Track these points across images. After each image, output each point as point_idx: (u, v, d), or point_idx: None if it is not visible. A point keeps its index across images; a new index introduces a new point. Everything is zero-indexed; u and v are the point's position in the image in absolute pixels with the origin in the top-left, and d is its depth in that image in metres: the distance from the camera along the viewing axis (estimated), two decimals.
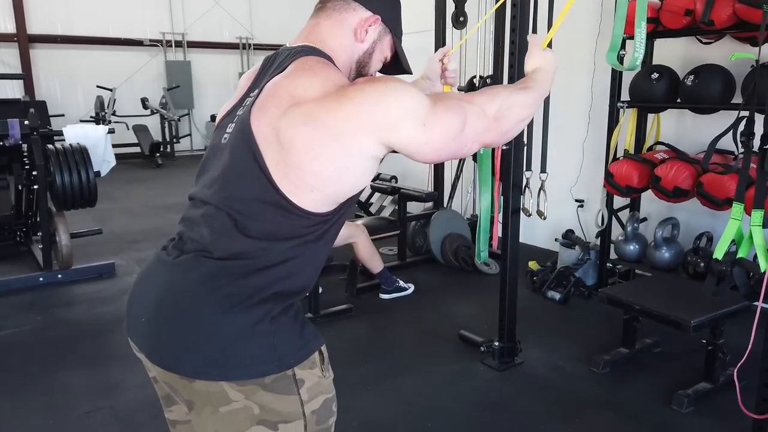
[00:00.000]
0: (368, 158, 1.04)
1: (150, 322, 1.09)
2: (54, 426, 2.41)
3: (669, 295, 2.73)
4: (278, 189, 1.02)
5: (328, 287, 3.90)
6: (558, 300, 3.70)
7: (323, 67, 1.10)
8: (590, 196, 4.33)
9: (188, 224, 1.13)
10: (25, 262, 4.45)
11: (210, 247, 1.07)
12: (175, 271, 1.09)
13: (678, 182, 3.14)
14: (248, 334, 1.03)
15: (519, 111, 1.19)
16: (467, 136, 1.10)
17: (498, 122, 1.15)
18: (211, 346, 1.03)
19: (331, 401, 1.14)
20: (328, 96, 1.02)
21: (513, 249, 2.79)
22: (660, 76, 3.30)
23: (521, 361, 2.93)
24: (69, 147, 3.80)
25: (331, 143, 1.01)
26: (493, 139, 1.18)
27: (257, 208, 1.04)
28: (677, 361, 2.92)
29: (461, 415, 2.50)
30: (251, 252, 1.05)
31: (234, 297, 1.03)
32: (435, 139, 1.06)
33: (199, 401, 1.07)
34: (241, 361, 1.03)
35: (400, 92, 1.03)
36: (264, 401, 1.04)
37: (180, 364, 1.05)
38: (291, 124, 1.01)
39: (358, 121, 1.00)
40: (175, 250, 1.12)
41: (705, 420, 2.42)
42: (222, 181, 1.08)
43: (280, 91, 1.06)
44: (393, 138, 1.03)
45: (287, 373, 1.05)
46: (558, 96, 4.57)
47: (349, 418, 2.47)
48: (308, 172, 1.02)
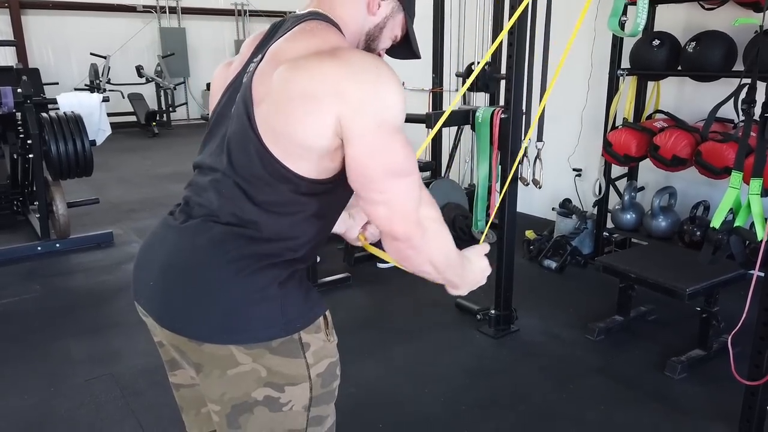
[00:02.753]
0: (334, 134, 0.97)
1: (158, 285, 1.09)
2: (55, 393, 2.45)
3: (664, 264, 2.74)
4: (273, 155, 1.01)
5: (326, 256, 3.91)
6: (554, 269, 3.72)
7: (325, 29, 1.06)
8: (588, 165, 4.31)
9: (195, 189, 1.13)
10: (23, 231, 4.45)
11: (218, 212, 1.06)
12: (183, 236, 1.09)
13: (676, 151, 3.13)
14: (257, 298, 1.03)
15: (438, 248, 1.06)
16: (390, 190, 0.98)
17: (418, 227, 1.00)
18: (220, 309, 1.03)
19: (335, 365, 1.16)
20: (318, 53, 0.99)
21: (510, 218, 2.79)
22: (661, 43, 3.26)
23: (517, 328, 2.96)
24: (63, 116, 3.76)
25: (303, 107, 0.97)
26: (399, 233, 0.99)
27: (260, 175, 1.03)
28: (671, 329, 2.95)
29: (458, 382, 2.53)
30: (258, 218, 1.04)
31: (242, 261, 1.03)
32: (374, 151, 0.97)
33: (207, 364, 1.07)
34: (249, 325, 1.03)
35: (383, 79, 0.96)
36: (271, 364, 1.05)
37: (189, 328, 1.06)
38: (278, 83, 0.99)
39: (326, 82, 0.95)
40: (182, 215, 1.12)
41: (697, 386, 2.46)
42: (228, 150, 1.07)
43: (280, 54, 1.03)
44: (347, 114, 0.95)
45: (294, 337, 1.06)
46: (556, 64, 4.53)
47: (348, 384, 2.48)
48: (290, 139, 0.99)
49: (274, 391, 1.06)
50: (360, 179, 0.99)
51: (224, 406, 1.07)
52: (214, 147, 1.11)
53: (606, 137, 3.52)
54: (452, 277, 1.14)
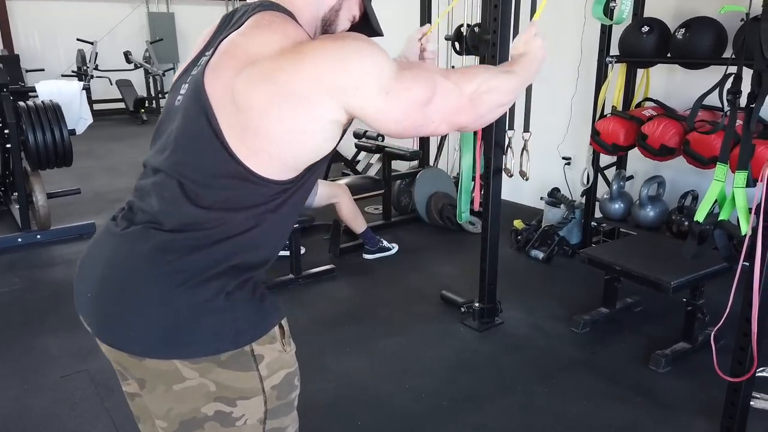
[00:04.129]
0: (329, 122, 0.97)
1: (96, 298, 1.04)
2: (29, 390, 2.40)
3: (650, 256, 2.71)
4: (234, 155, 0.95)
5: (312, 247, 3.87)
6: (541, 259, 3.68)
7: (282, 22, 1.01)
8: (577, 153, 4.26)
9: (139, 193, 1.07)
10: (4, 222, 4.37)
11: (160, 218, 1.01)
12: (123, 244, 1.03)
13: (665, 140, 3.08)
14: (200, 311, 0.99)
15: (498, 96, 1.10)
16: (434, 112, 1.01)
17: (473, 104, 1.06)
18: (160, 323, 0.98)
19: (293, 375, 1.11)
20: (284, 54, 0.94)
21: (494, 210, 2.74)
22: (650, 30, 3.19)
23: (501, 321, 2.92)
24: (41, 104, 3.68)
25: (288, 105, 0.93)
26: (465, 122, 1.08)
27: (211, 175, 0.98)
28: (657, 321, 2.92)
29: (440, 376, 2.50)
30: (204, 223, 0.99)
31: (185, 272, 0.98)
32: (396, 110, 0.98)
33: (150, 379, 1.03)
34: (193, 339, 0.99)
35: (363, 53, 0.95)
36: (220, 378, 1.00)
37: (128, 343, 1.01)
38: (246, 84, 0.94)
39: (317, 81, 0.93)
40: (124, 221, 1.06)
41: (681, 380, 2.43)
42: (174, 147, 1.01)
43: (236, 50, 0.98)
44: (353, 103, 0.95)
45: (245, 350, 1.02)
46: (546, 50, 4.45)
47: (328, 379, 2.47)
48: (265, 137, 0.95)
49: (225, 406, 1.01)
50: (413, 131, 1.05)
51: (171, 422, 1.03)
52: (161, 145, 1.05)
53: (594, 126, 3.46)
54: (527, 82, 1.22)
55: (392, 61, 0.98)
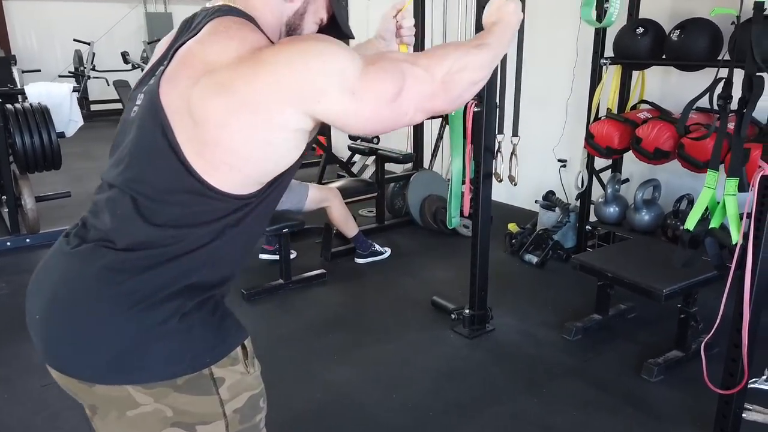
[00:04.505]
0: (293, 131, 0.92)
1: (43, 320, 0.99)
2: (8, 400, 2.37)
3: (643, 262, 2.66)
4: (191, 169, 0.91)
5: (303, 251, 3.82)
6: (535, 264, 3.63)
7: (240, 28, 0.96)
8: (573, 155, 4.20)
9: (93, 210, 1.03)
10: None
11: (112, 236, 0.96)
12: (73, 263, 0.99)
13: (659, 143, 3.02)
14: (153, 335, 0.94)
15: (471, 73, 1.03)
16: (406, 102, 0.96)
17: (446, 86, 0.99)
18: (110, 348, 0.94)
19: (258, 397, 1.07)
20: (243, 61, 0.89)
21: (484, 215, 2.69)
22: (645, 31, 3.14)
23: (492, 328, 2.87)
24: (29, 107, 3.64)
25: (248, 116, 0.88)
26: (441, 106, 1.02)
27: (167, 190, 0.93)
28: (651, 328, 2.87)
29: (427, 385, 2.45)
30: (158, 241, 0.94)
31: (136, 293, 0.94)
32: (365, 109, 0.93)
33: (102, 406, 0.99)
34: (146, 363, 0.94)
35: (324, 55, 0.90)
36: (177, 403, 0.96)
37: (76, 368, 0.97)
38: (203, 95, 0.89)
39: (277, 89, 0.88)
40: (76, 238, 1.01)
41: (673, 390, 2.38)
42: (128, 161, 0.96)
43: (192, 59, 0.93)
44: (318, 108, 0.90)
45: (203, 373, 0.97)
46: (541, 51, 4.40)
47: (313, 388, 2.43)
48: (225, 149, 0.90)
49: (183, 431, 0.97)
50: (387, 126, 0.99)
51: None
52: (116, 159, 1.00)
53: (588, 128, 3.41)
54: (502, 53, 1.15)
55: (355, 57, 0.93)
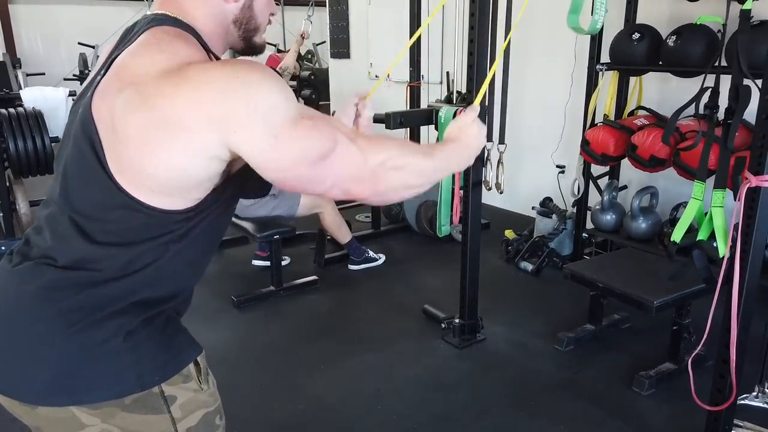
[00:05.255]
0: (207, 158, 0.86)
1: None
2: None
3: (636, 272, 2.60)
4: (119, 186, 0.88)
5: (297, 258, 3.80)
6: (530, 271, 3.59)
7: (172, 41, 0.92)
8: (572, 162, 4.15)
9: (37, 226, 1.00)
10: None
11: (52, 254, 0.94)
12: (12, 282, 0.96)
13: (654, 151, 2.97)
14: (95, 354, 0.91)
15: (407, 176, 0.98)
16: (328, 171, 0.90)
17: (375, 176, 0.94)
18: (50, 368, 0.91)
19: (214, 414, 1.04)
20: (168, 76, 0.85)
21: (474, 224, 2.65)
22: (641, 37, 3.09)
23: (483, 337, 2.83)
24: (23, 111, 3.64)
25: (166, 135, 0.84)
26: (362, 194, 0.96)
27: (101, 207, 0.90)
28: (644, 339, 2.82)
29: (414, 396, 2.41)
30: (99, 259, 0.92)
31: (76, 312, 0.91)
32: (283, 159, 0.87)
33: (47, 427, 0.97)
34: (89, 384, 0.92)
35: (255, 86, 0.84)
36: (125, 423, 0.93)
37: (17, 390, 0.94)
38: (125, 109, 0.85)
39: (197, 108, 0.83)
40: (19, 256, 0.98)
41: (664, 404, 2.33)
42: (63, 177, 0.94)
43: (122, 71, 0.89)
44: (233, 139, 0.84)
45: (153, 391, 0.95)
46: (540, 57, 4.36)
47: (296, 398, 2.40)
48: (141, 171, 0.86)
49: None
50: (298, 186, 0.94)
51: None
52: (56, 175, 0.98)
53: (584, 135, 3.36)
54: (449, 170, 1.14)
55: (291, 101, 0.87)
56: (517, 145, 3.25)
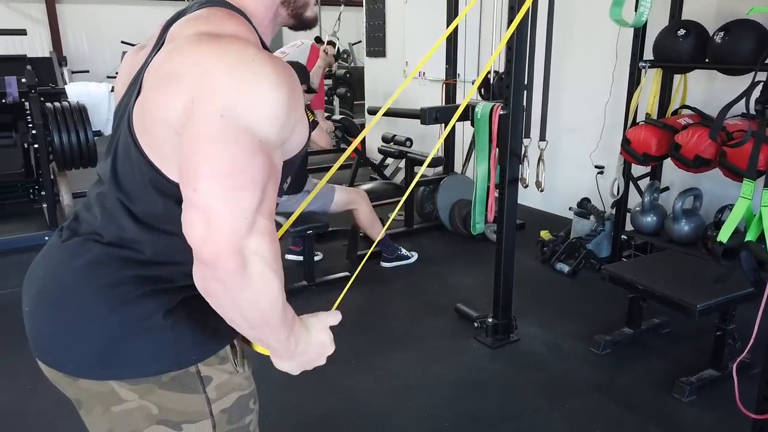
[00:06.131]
0: (175, 132, 0.81)
1: (32, 312, 1.00)
2: (32, 392, 2.42)
3: (679, 274, 2.52)
4: (148, 158, 0.87)
5: (329, 254, 3.81)
6: (566, 273, 3.51)
7: (221, 17, 0.91)
8: (611, 162, 4.05)
9: (87, 203, 1.02)
10: (35, 220, 4.48)
11: (100, 230, 0.95)
12: (61, 257, 0.98)
13: (699, 151, 2.87)
14: (137, 330, 0.92)
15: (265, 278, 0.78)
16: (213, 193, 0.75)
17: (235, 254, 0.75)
18: (94, 342, 0.93)
19: (248, 398, 1.04)
20: (200, 37, 0.84)
21: (509, 222, 2.61)
22: (687, 33, 2.99)
23: (517, 338, 2.78)
24: (68, 106, 3.74)
25: (167, 86, 0.82)
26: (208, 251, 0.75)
27: (140, 187, 0.91)
28: (686, 344, 2.73)
29: (445, 395, 2.39)
30: (141, 240, 0.92)
31: (120, 287, 0.92)
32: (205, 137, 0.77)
33: (86, 400, 0.98)
34: (130, 359, 0.93)
35: (263, 86, 0.78)
36: (162, 401, 0.94)
37: (61, 362, 0.96)
38: (153, 70, 0.87)
39: (199, 66, 0.80)
40: (68, 231, 1.01)
41: (706, 411, 2.24)
42: (113, 157, 0.95)
43: (168, 40, 0.90)
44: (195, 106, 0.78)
45: (190, 370, 0.95)
46: (579, 54, 4.28)
47: (327, 392, 2.39)
48: (152, 130, 0.85)
49: (169, 430, 0.96)
50: (183, 173, 0.78)
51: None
52: (106, 154, 0.99)
53: (625, 134, 3.27)
54: (271, 341, 0.89)
55: (275, 126, 0.80)
56: (554, 145, 3.18)
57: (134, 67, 1.00)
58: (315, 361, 1.00)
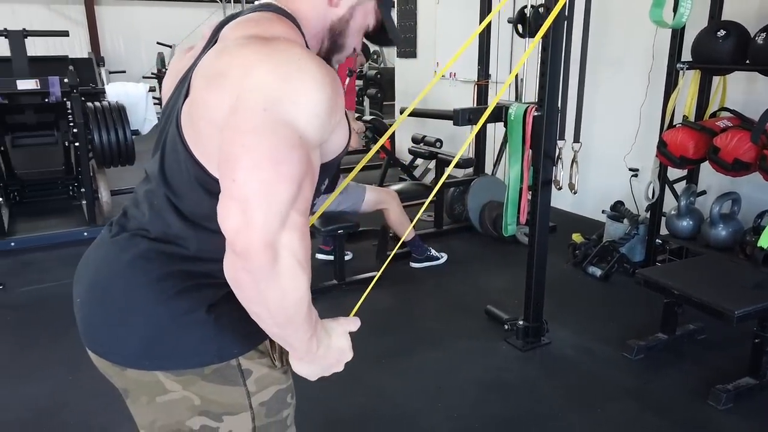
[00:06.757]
0: (218, 128, 0.83)
1: (83, 304, 1.04)
2: (72, 382, 2.49)
3: (715, 280, 2.47)
4: (194, 157, 0.90)
5: (358, 253, 3.83)
6: (599, 276, 3.47)
7: (272, 21, 0.94)
8: (646, 165, 3.99)
9: (134, 200, 1.06)
10: (75, 216, 4.62)
11: (148, 226, 0.99)
12: (111, 251, 1.02)
13: (739, 154, 2.81)
14: (182, 323, 0.96)
15: (286, 290, 0.80)
16: (252, 184, 0.77)
17: (267, 247, 0.76)
18: (141, 334, 0.96)
19: (286, 392, 1.07)
20: (249, 39, 0.87)
21: (542, 224, 2.59)
22: (727, 34, 2.93)
23: (548, 341, 2.76)
24: (107, 105, 3.84)
25: (213, 84, 0.85)
26: (242, 241, 0.76)
27: (187, 185, 0.94)
28: (722, 352, 2.67)
29: (475, 396, 2.38)
30: (186, 237, 0.96)
31: (166, 281, 0.95)
32: (246, 127, 0.79)
33: (133, 390, 1.02)
34: (174, 351, 0.96)
35: (308, 85, 0.81)
36: (204, 392, 0.97)
37: (110, 352, 1.00)
38: (202, 69, 0.90)
39: (246, 65, 0.82)
40: (117, 227, 1.05)
41: (742, 420, 2.20)
42: (161, 154, 0.98)
43: (219, 41, 0.94)
44: (239, 100, 0.80)
45: (231, 363, 0.98)
46: (614, 55, 4.22)
47: (357, 391, 2.41)
48: (198, 128, 0.88)
49: (211, 421, 0.99)
50: (222, 164, 0.80)
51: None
52: (154, 152, 1.03)
53: (661, 136, 3.22)
54: (293, 340, 0.90)
55: (316, 123, 0.82)
56: (587, 147, 3.15)
57: (182, 68, 1.03)
58: (333, 366, 1.00)
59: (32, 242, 4.01)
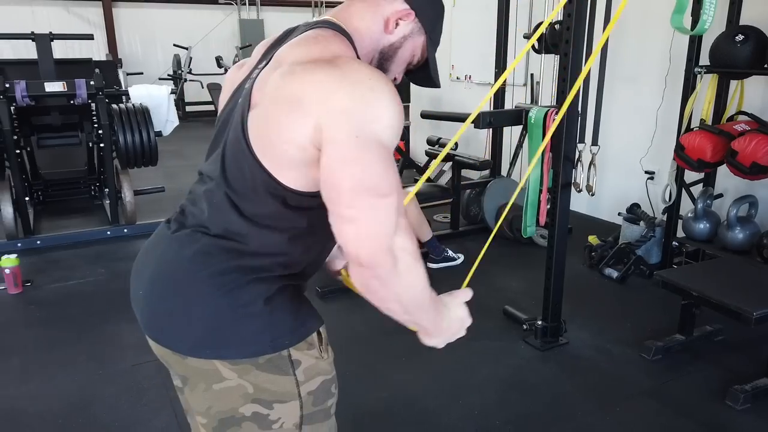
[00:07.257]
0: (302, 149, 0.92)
1: (146, 295, 1.10)
2: (102, 376, 2.56)
3: (733, 282, 2.50)
4: (262, 165, 0.97)
5: None
6: (615, 278, 3.50)
7: (332, 39, 1.01)
8: (662, 168, 4.02)
9: (192, 198, 1.13)
10: (97, 216, 4.71)
11: (207, 224, 1.05)
12: (172, 246, 1.09)
13: (757, 157, 2.84)
14: (240, 314, 1.02)
15: (411, 284, 0.94)
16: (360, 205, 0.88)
17: (387, 253, 0.89)
18: (202, 324, 1.02)
19: (330, 383, 1.12)
20: (315, 60, 0.94)
21: (561, 225, 2.63)
22: (745, 38, 2.96)
23: (566, 341, 2.80)
24: (132, 107, 3.92)
25: (288, 109, 0.92)
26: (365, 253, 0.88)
27: (250, 187, 1.00)
28: (740, 353, 2.70)
29: (494, 394, 2.43)
30: (245, 234, 1.02)
31: (226, 275, 1.01)
32: (345, 158, 0.88)
33: (192, 377, 1.07)
34: (233, 341, 1.02)
35: (383, 100, 0.90)
36: (258, 381, 1.03)
37: (172, 341, 1.06)
38: (272, 85, 0.96)
39: (321, 89, 0.90)
40: (176, 224, 1.11)
41: (761, 420, 2.23)
42: (222, 159, 1.05)
43: (281, 58, 1.00)
44: (325, 129, 0.89)
45: (282, 354, 1.04)
46: (631, 59, 4.25)
47: (380, 387, 2.47)
48: (273, 145, 0.95)
49: (262, 408, 1.04)
50: (328, 191, 0.90)
51: (211, 419, 1.07)
52: (213, 155, 1.09)
53: (679, 140, 3.25)
54: (423, 321, 1.05)
55: (395, 133, 0.91)
56: (603, 150, 3.18)
57: (235, 81, 1.13)
58: (457, 333, 1.15)
59: (57, 241, 4.11)
